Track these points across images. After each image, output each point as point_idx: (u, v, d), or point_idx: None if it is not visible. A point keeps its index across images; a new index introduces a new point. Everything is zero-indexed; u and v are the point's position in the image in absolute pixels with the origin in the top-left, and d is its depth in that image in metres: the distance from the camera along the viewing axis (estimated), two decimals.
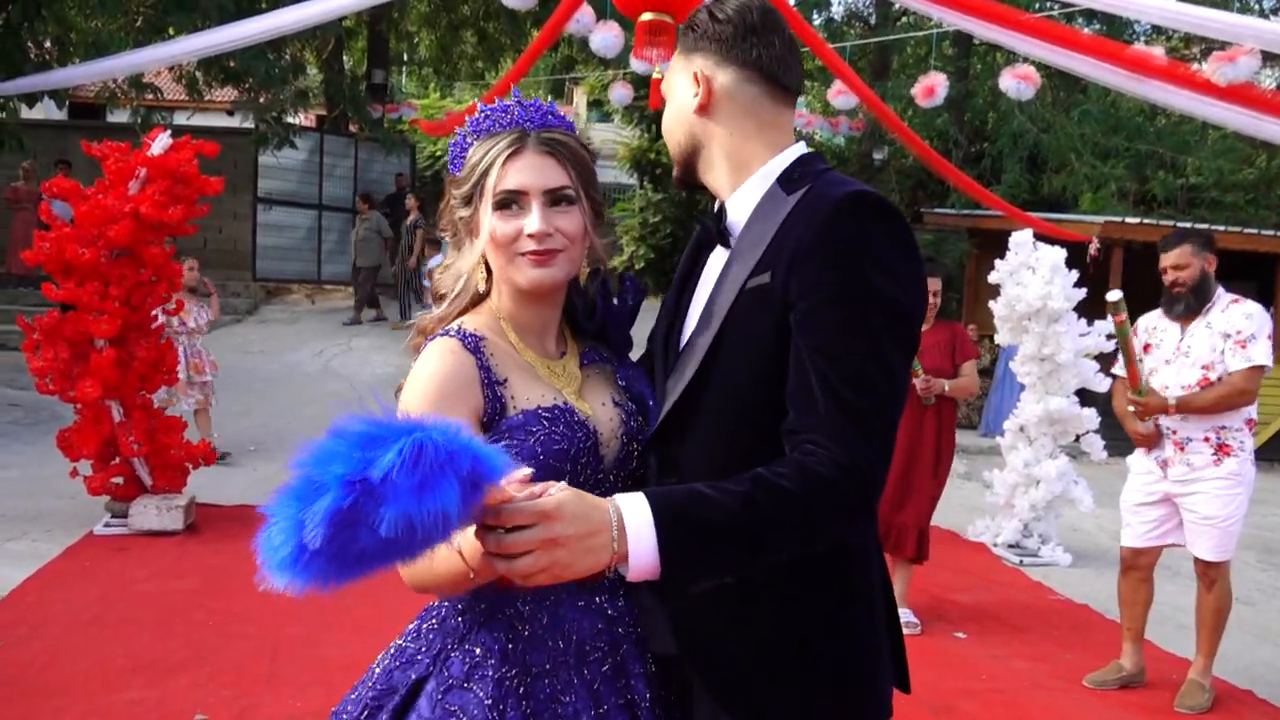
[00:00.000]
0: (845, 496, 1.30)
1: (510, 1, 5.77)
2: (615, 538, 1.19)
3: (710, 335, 1.43)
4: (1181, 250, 4.02)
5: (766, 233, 1.43)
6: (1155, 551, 4.23)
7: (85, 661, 3.79)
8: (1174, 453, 4.06)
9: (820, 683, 1.42)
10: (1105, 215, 12.01)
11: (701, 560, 1.25)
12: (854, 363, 1.32)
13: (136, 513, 5.42)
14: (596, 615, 1.47)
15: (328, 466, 1.04)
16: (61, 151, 14.32)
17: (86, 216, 5.23)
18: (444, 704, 1.40)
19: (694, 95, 1.50)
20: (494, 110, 1.56)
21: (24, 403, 8.38)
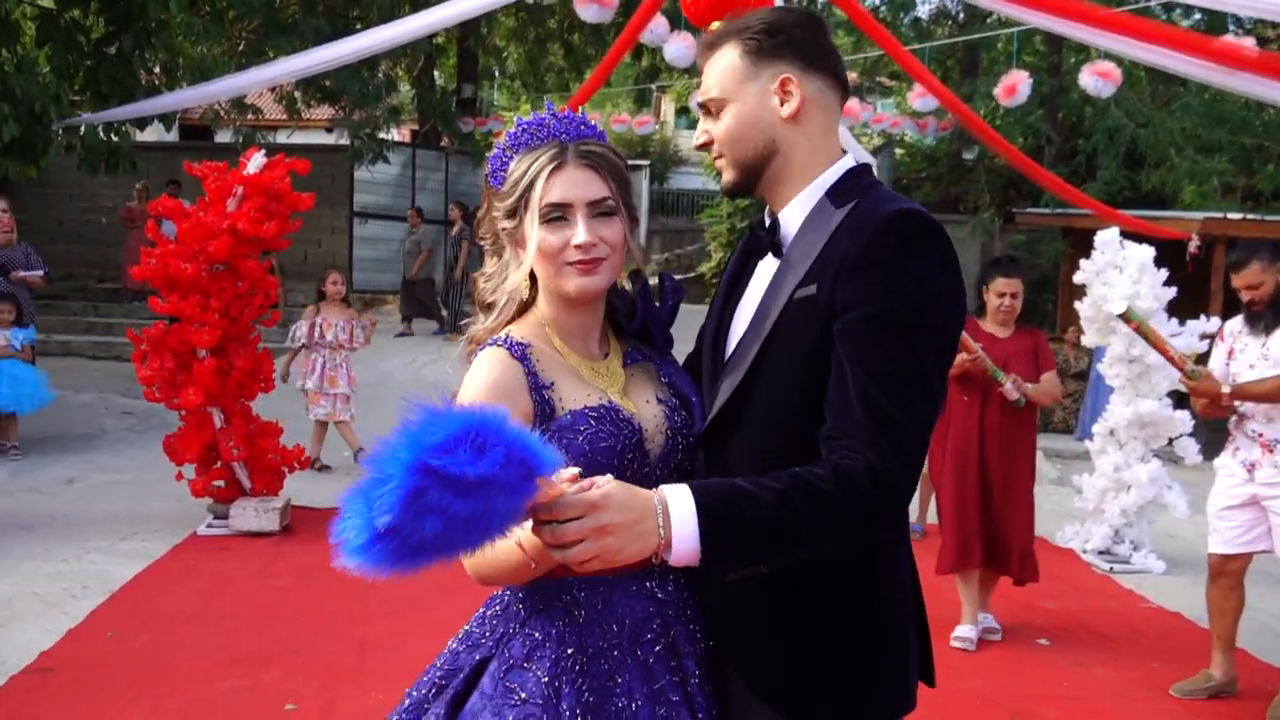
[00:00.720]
0: (875, 500, 1.38)
1: (586, 15, 5.91)
2: (661, 525, 1.29)
3: (759, 341, 1.52)
4: (1251, 269, 3.96)
5: (816, 244, 1.51)
6: (1245, 557, 4.11)
7: (186, 653, 4.01)
8: (1261, 454, 3.95)
9: (847, 673, 1.50)
10: (1206, 212, 11.57)
11: (739, 550, 1.34)
12: (890, 375, 1.40)
13: (236, 514, 5.68)
14: (648, 599, 1.55)
15: (395, 456, 1.13)
16: (172, 172, 14.98)
17: (188, 233, 5.52)
18: (504, 682, 1.49)
19: (781, 102, 1.55)
20: (530, 124, 1.63)
21: (137, 410, 8.82)
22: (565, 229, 1.54)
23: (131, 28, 9.36)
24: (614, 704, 1.47)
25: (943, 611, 4.77)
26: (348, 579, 4.58)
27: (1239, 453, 4.05)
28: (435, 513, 1.12)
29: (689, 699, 1.52)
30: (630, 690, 1.48)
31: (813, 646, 1.49)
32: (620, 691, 1.48)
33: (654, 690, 1.50)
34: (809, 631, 1.50)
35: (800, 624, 1.50)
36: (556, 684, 1.47)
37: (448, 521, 1.13)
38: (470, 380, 1.57)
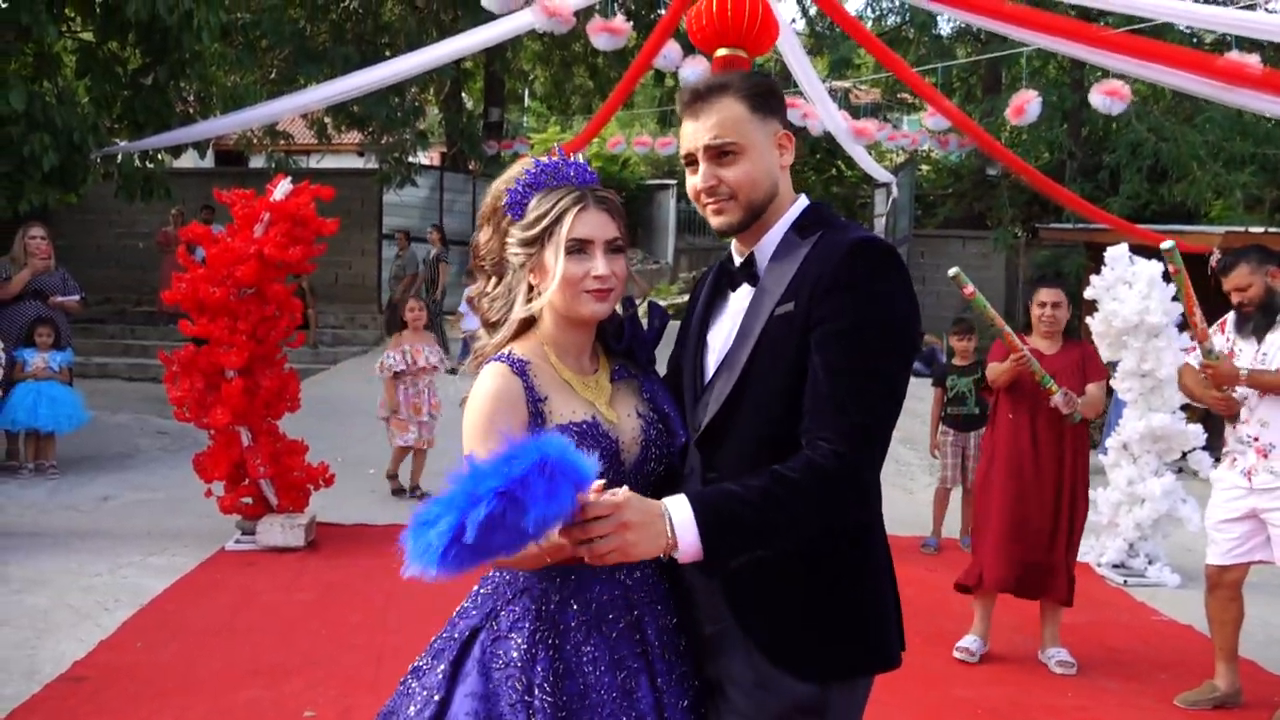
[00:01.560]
0: (844, 487, 1.65)
1: (599, 43, 6.08)
2: (668, 530, 1.53)
3: (746, 354, 1.74)
4: (1239, 271, 4.01)
5: (789, 271, 1.76)
6: (1242, 569, 4.15)
7: (213, 664, 4.17)
8: (1257, 460, 4.00)
9: (843, 628, 1.76)
10: (1229, 225, 11.54)
11: (735, 544, 1.58)
12: (857, 379, 1.65)
13: (263, 530, 5.86)
14: (615, 585, 1.80)
15: (483, 482, 1.36)
16: (206, 197, 15.30)
17: (216, 258, 5.72)
18: (491, 649, 1.77)
19: (781, 154, 1.82)
20: (547, 166, 1.86)
21: (171, 430, 9.05)
22: (585, 262, 1.78)
23: (167, 59, 9.65)
24: (581, 670, 1.74)
25: (945, 624, 4.85)
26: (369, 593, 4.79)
27: (1236, 462, 4.10)
28: (507, 529, 1.37)
29: (649, 664, 1.78)
30: (595, 660, 1.75)
31: (811, 606, 1.74)
32: (586, 660, 1.75)
33: (615, 659, 1.76)
34: (808, 595, 1.74)
35: (799, 589, 1.74)
36: (533, 651, 1.74)
37: (513, 535, 1.39)
38: (477, 390, 1.80)
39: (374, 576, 5.41)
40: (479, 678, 1.75)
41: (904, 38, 16.52)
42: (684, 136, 1.84)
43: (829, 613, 1.75)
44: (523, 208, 1.83)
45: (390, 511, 6.83)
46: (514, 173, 1.88)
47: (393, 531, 5.33)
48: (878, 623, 1.80)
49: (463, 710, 1.73)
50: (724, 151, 1.77)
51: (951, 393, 6.68)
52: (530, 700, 1.70)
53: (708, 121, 1.78)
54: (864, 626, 1.78)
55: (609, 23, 6.18)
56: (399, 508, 6.93)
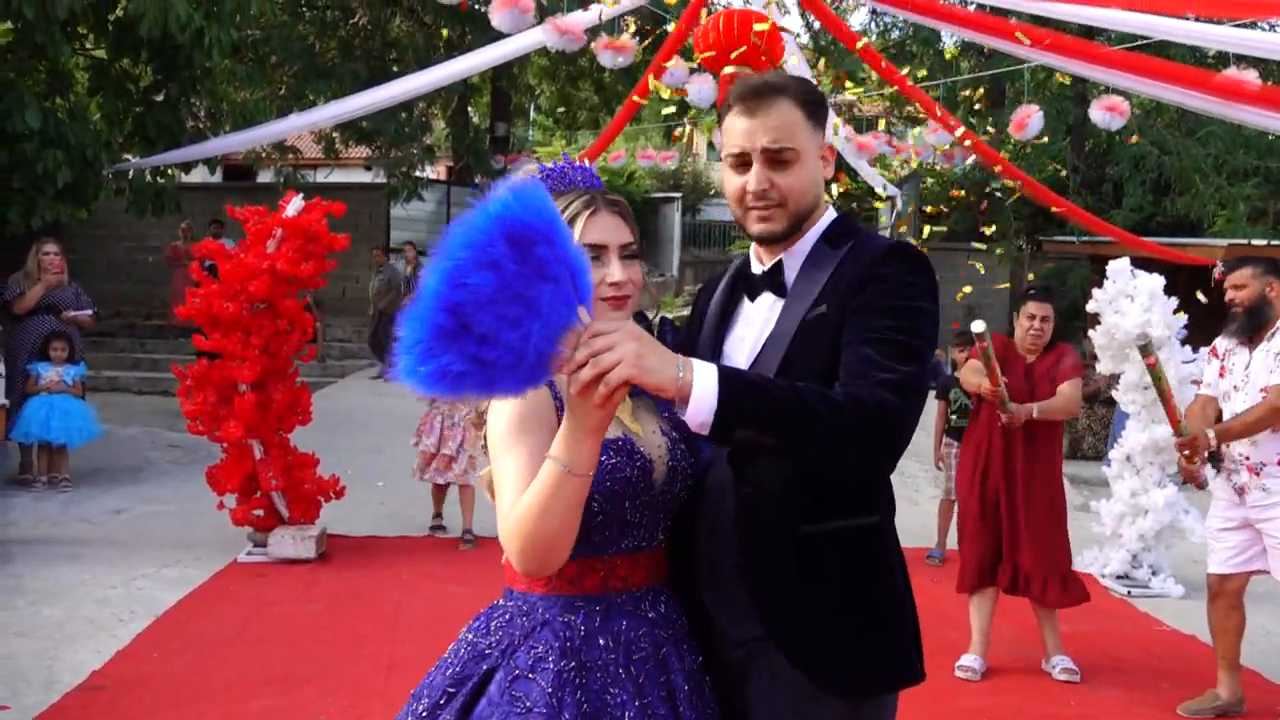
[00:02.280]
0: (874, 423, 1.56)
1: (604, 61, 6.17)
2: (681, 367, 1.43)
3: (777, 361, 1.72)
4: (1242, 272, 4.08)
5: (820, 278, 1.75)
6: (1242, 578, 4.20)
7: (226, 673, 4.23)
8: (1250, 478, 4.05)
9: (872, 638, 1.74)
10: (1233, 238, 11.60)
11: (750, 413, 1.47)
12: (889, 346, 1.64)
13: (274, 542, 5.93)
14: (641, 619, 1.70)
15: (470, 221, 1.33)
16: (215, 211, 15.44)
17: (230, 274, 5.81)
18: (510, 690, 1.62)
19: (825, 166, 1.80)
20: (554, 171, 1.81)
21: (182, 444, 9.14)
22: (600, 268, 1.68)
23: (178, 76, 9.78)
24: (609, 715, 1.62)
25: (950, 634, 4.90)
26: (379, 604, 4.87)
27: (1231, 476, 4.15)
28: (492, 268, 1.27)
29: (675, 711, 1.66)
30: (623, 704, 1.63)
31: (845, 616, 1.72)
32: (614, 704, 1.62)
33: (644, 703, 1.64)
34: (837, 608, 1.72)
35: (833, 598, 1.71)
36: (559, 694, 1.60)
37: (502, 284, 1.27)
38: (503, 402, 1.66)
39: (384, 587, 5.48)
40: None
41: (909, 53, 16.61)
42: (736, 133, 1.75)
43: (858, 628, 1.73)
44: None
45: (399, 525, 6.90)
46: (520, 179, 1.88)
47: (402, 544, 5.47)
48: (903, 639, 1.79)
49: None
50: (781, 158, 1.72)
51: (955, 405, 6.74)
52: None
53: (767, 122, 1.72)
54: (891, 643, 1.77)
55: (615, 40, 6.27)
56: (409, 520, 6.99)
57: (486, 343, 1.29)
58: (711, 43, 5.01)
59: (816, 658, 1.69)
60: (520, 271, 1.29)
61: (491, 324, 1.29)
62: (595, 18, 6.18)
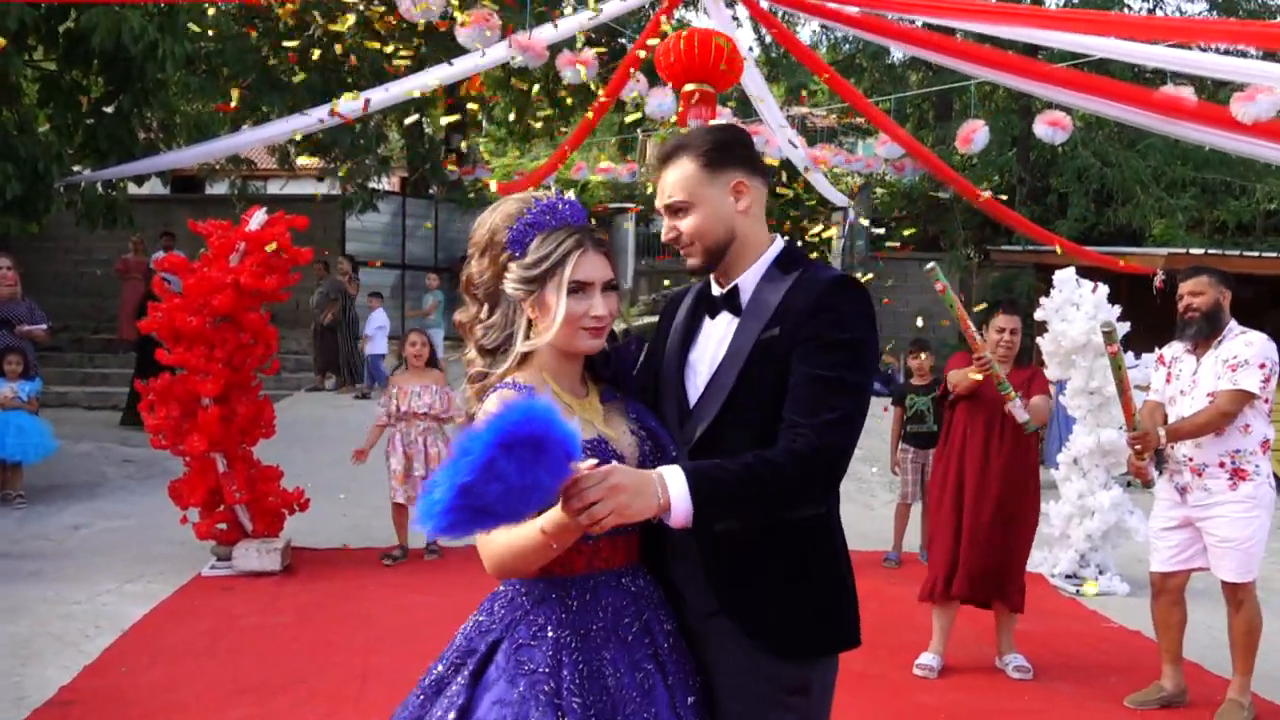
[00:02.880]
0: (817, 469, 1.86)
1: (567, 76, 6.27)
2: (659, 491, 1.71)
3: (734, 374, 1.97)
4: (1199, 280, 4.26)
5: (772, 301, 1.99)
6: (1183, 575, 4.39)
7: (198, 685, 4.25)
8: (1192, 479, 4.24)
9: (818, 611, 1.99)
10: (1171, 247, 11.99)
11: (720, 508, 1.78)
12: (831, 383, 1.90)
13: (239, 555, 5.93)
14: (624, 592, 1.95)
15: (476, 439, 1.51)
16: (166, 224, 15.30)
17: (193, 288, 5.81)
18: (515, 656, 1.86)
19: (736, 200, 2.02)
20: (546, 207, 1.99)
21: (136, 459, 9.06)
22: (585, 301, 1.93)
23: (130, 88, 9.71)
24: (604, 671, 1.86)
25: (908, 635, 5.05)
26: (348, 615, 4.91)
27: (1174, 477, 4.34)
28: (500, 479, 1.50)
29: (661, 665, 1.92)
30: (615, 661, 1.87)
31: (789, 594, 1.95)
32: (608, 662, 1.87)
33: (633, 660, 1.89)
34: (786, 583, 1.95)
35: (779, 579, 1.95)
36: (558, 657, 1.84)
37: (507, 488, 1.51)
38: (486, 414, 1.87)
39: (352, 598, 5.51)
40: (506, 685, 1.83)
41: (858, 66, 16.92)
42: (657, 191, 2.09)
43: (805, 598, 1.96)
44: (524, 246, 1.95)
45: (362, 537, 6.92)
46: (511, 209, 1.99)
47: (367, 555, 5.54)
48: (845, 605, 2.03)
49: (491, 716, 1.81)
50: (677, 209, 2.03)
51: (911, 411, 6.92)
52: (559, 703, 1.80)
53: (664, 183, 2.04)
54: (835, 609, 2.01)
55: (576, 55, 6.38)
56: (372, 532, 7.01)
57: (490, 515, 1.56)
58: (673, 60, 5.14)
59: (765, 628, 1.94)
60: (521, 472, 1.53)
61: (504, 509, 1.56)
62: (557, 34, 6.28)
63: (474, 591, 4.23)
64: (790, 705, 1.94)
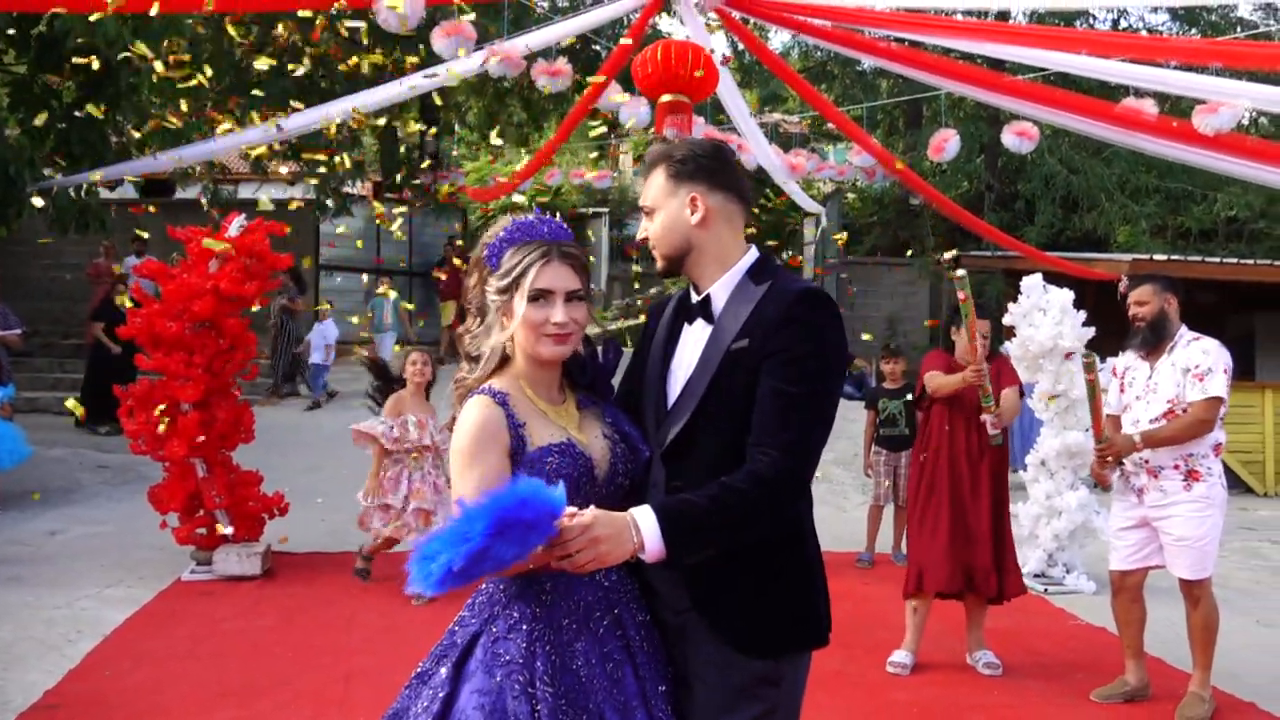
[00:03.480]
0: (781, 490, 1.95)
1: (541, 84, 6.35)
2: (634, 535, 1.82)
3: (705, 382, 2.05)
4: (1144, 289, 4.41)
5: (744, 312, 2.06)
6: (1141, 573, 4.53)
7: (182, 688, 4.29)
8: (1148, 480, 4.38)
9: (788, 613, 2.06)
10: (1136, 253, 12.24)
11: (691, 544, 1.89)
12: (796, 398, 1.97)
13: (219, 560, 5.96)
14: (596, 587, 2.04)
15: (473, 524, 1.65)
16: (134, 227, 15.16)
17: (173, 294, 5.84)
18: (492, 649, 1.97)
19: (691, 213, 2.10)
20: (523, 224, 2.12)
21: (112, 464, 9.04)
22: (546, 308, 2.03)
23: (103, 92, 9.68)
24: (574, 662, 1.97)
25: (880, 633, 5.17)
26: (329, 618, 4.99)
27: (1131, 479, 4.49)
28: (493, 560, 1.66)
29: (631, 656, 2.02)
30: (586, 653, 1.98)
31: (760, 597, 2.03)
32: (579, 653, 1.98)
33: (603, 652, 2.00)
34: (759, 580, 2.03)
35: (750, 575, 2.03)
36: (532, 649, 1.96)
37: (499, 564, 1.68)
38: (464, 419, 2.03)
39: (333, 601, 5.55)
40: (484, 676, 1.94)
41: (829, 73, 17.11)
42: None
43: (775, 601, 2.04)
44: (498, 259, 2.09)
45: (339, 541, 6.95)
46: (498, 226, 2.14)
47: (347, 559, 5.59)
48: (814, 607, 2.11)
49: (471, 705, 1.92)
50: (648, 212, 2.17)
51: (883, 415, 7.06)
52: (533, 692, 1.91)
53: (645, 187, 2.18)
54: (805, 609, 2.09)
55: (552, 65, 6.47)
56: (349, 539, 7.02)
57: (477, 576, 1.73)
58: (650, 71, 5.24)
59: (736, 627, 2.02)
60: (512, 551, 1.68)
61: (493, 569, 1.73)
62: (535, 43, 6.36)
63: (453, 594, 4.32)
64: (760, 696, 2.02)
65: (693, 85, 5.24)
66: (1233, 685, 4.74)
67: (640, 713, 1.97)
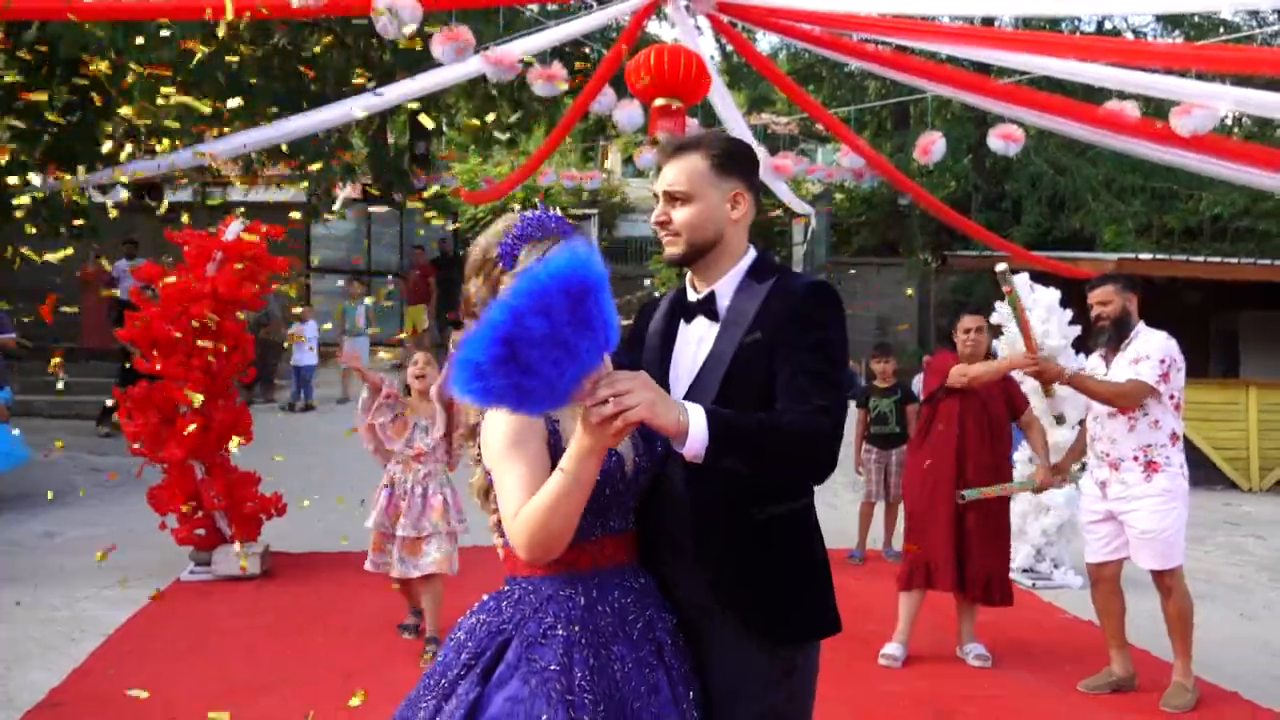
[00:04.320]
0: (815, 441, 2.01)
1: (538, 90, 6.42)
2: (681, 412, 1.81)
3: (719, 375, 2.10)
4: (1105, 289, 4.52)
5: (751, 307, 2.12)
6: (1116, 564, 4.62)
7: (185, 685, 4.34)
8: (1110, 473, 4.48)
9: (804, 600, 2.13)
10: (1122, 252, 12.37)
11: (729, 445, 1.86)
12: (819, 377, 2.05)
13: (218, 560, 6.02)
14: (629, 589, 2.03)
15: (533, 274, 1.56)
16: (127, 231, 15.15)
17: (172, 296, 5.89)
18: (526, 655, 1.91)
19: (732, 208, 2.15)
20: (532, 220, 2.10)
21: (105, 466, 9.07)
22: None
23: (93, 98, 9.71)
24: (611, 668, 1.93)
25: (871, 626, 5.26)
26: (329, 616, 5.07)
27: (1095, 473, 4.59)
28: (545, 315, 1.53)
29: (664, 662, 2.01)
30: (622, 658, 1.95)
31: (780, 584, 2.09)
32: (615, 658, 1.94)
33: (639, 657, 1.97)
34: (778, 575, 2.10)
35: (770, 570, 2.09)
36: (569, 655, 1.90)
37: (552, 331, 1.53)
38: (498, 415, 1.92)
39: (332, 600, 5.62)
40: (519, 683, 1.88)
41: (817, 75, 17.22)
42: (658, 178, 2.19)
43: (791, 592, 2.11)
44: (514, 259, 2.05)
45: (334, 541, 7.00)
46: (499, 228, 2.11)
47: (346, 558, 5.64)
48: (826, 597, 2.18)
49: (504, 714, 1.86)
50: (676, 198, 2.14)
51: (874, 413, 7.15)
52: (571, 699, 1.86)
53: (671, 171, 2.15)
54: (819, 597, 2.16)
55: (547, 69, 6.55)
56: (347, 538, 7.08)
57: (529, 373, 1.57)
58: (643, 75, 5.32)
59: (756, 618, 2.07)
60: (568, 320, 1.56)
61: (537, 360, 1.56)
62: (527, 48, 6.44)
63: (453, 593, 4.42)
64: (779, 685, 2.08)
65: (687, 87, 5.33)
66: (1217, 676, 4.84)
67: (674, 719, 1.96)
